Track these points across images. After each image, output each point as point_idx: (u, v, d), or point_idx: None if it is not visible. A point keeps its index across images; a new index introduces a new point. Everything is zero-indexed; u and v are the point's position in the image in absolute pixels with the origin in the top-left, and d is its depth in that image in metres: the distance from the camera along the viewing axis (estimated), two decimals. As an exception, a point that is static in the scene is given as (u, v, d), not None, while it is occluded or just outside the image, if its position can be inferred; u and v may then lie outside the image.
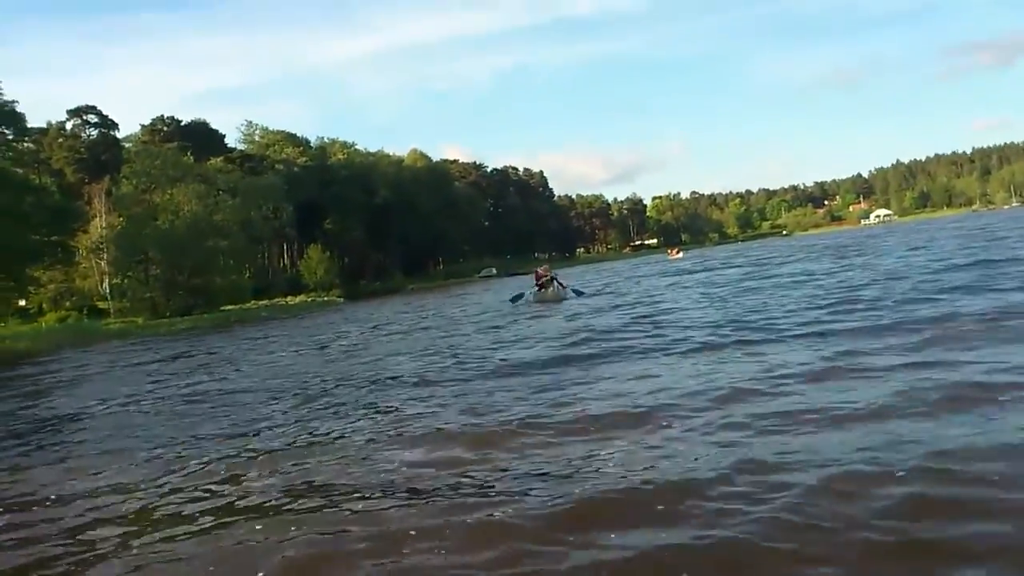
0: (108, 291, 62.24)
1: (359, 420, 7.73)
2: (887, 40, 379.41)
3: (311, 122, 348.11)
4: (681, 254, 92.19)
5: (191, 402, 10.66)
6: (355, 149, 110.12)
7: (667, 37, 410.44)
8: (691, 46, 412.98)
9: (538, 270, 26.33)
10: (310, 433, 7.35)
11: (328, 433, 7.25)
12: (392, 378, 10.54)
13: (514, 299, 26.00)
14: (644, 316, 15.45)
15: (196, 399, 10.88)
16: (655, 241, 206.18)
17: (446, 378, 9.88)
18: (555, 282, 24.72)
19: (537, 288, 25.02)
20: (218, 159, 77.21)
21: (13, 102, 52.49)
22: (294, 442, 7.02)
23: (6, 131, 52.64)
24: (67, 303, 64.74)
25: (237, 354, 19.26)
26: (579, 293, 25.86)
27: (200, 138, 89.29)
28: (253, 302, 65.85)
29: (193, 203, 59.30)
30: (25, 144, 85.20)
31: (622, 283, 32.79)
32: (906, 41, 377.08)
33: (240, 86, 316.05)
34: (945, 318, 9.62)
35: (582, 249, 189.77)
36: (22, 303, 64.58)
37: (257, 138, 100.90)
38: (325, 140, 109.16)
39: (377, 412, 8.04)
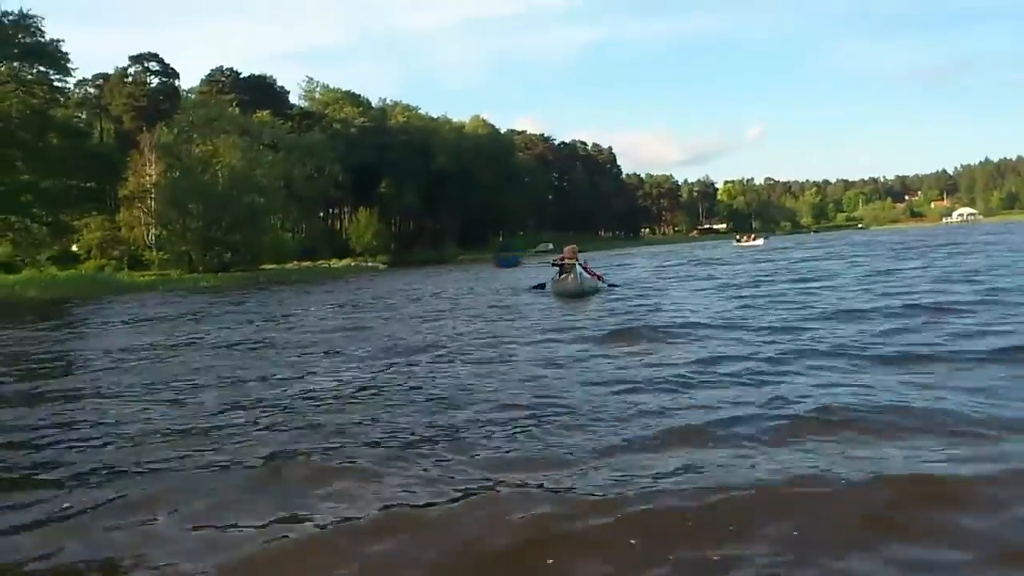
0: (152, 242, 61.35)
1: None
2: (986, 36, 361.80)
3: (386, 89, 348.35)
4: (760, 241, 79.27)
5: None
6: (416, 113, 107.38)
7: (755, 18, 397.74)
8: (779, 29, 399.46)
9: (564, 250, 19.52)
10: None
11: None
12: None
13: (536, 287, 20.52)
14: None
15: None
16: (724, 226, 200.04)
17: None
18: (577, 268, 18.14)
19: (557, 275, 18.90)
20: (265, 113, 75.03)
21: (58, 41, 51.26)
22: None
23: (48, 71, 51.20)
24: (114, 252, 63.77)
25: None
26: (613, 285, 20.25)
27: (259, 92, 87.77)
28: (295, 263, 64.19)
29: (236, 156, 57.35)
30: (87, 89, 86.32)
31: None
32: (1007, 38, 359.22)
33: (316, 48, 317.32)
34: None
35: (647, 230, 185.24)
36: (74, 248, 64.27)
37: (317, 95, 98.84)
38: (387, 102, 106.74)
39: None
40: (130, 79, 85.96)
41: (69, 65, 51.99)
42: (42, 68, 50.44)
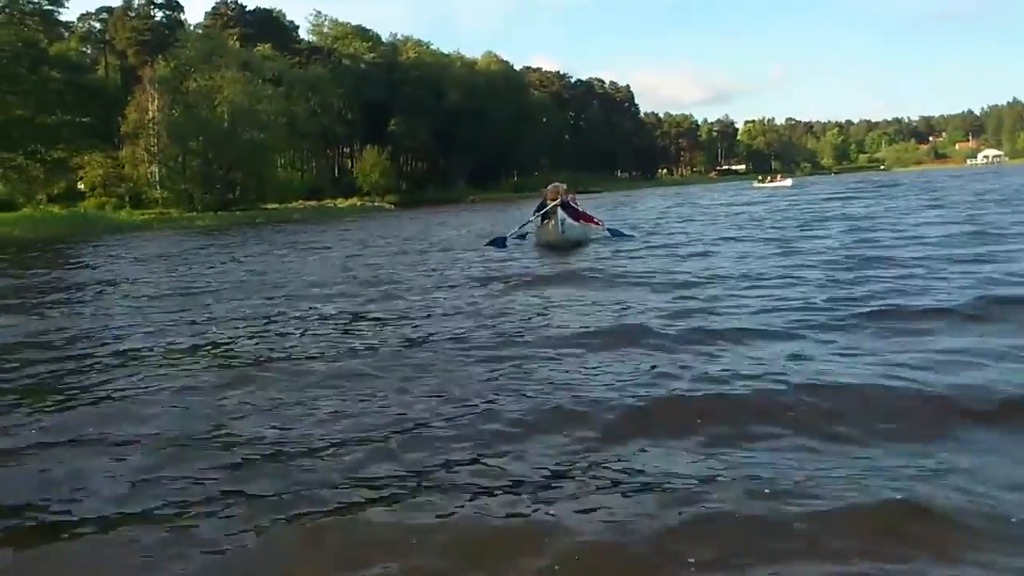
0: (155, 180, 60.03)
1: None
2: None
3: (403, 28, 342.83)
4: (788, 181, 70.80)
5: None
6: (427, 48, 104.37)
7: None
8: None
9: (547, 191, 15.88)
10: None
11: None
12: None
13: (496, 241, 16.36)
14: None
15: None
16: (743, 167, 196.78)
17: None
18: (560, 214, 14.43)
19: (539, 219, 15.41)
20: (266, 46, 72.93)
21: (47, -33, 49.66)
22: None
23: (40, 2, 49.54)
24: (119, 189, 62.47)
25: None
26: (617, 234, 16.51)
27: (266, 26, 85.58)
28: (300, 202, 62.78)
29: (237, 91, 55.64)
30: (91, 23, 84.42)
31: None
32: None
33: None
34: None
35: (664, 170, 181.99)
36: (80, 186, 63.16)
37: (326, 30, 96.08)
38: (398, 37, 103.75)
39: None
40: (134, 13, 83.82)
41: (61, -6, 50.45)
42: (33, -1, 48.88)
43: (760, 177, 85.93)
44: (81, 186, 62.76)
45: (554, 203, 14.97)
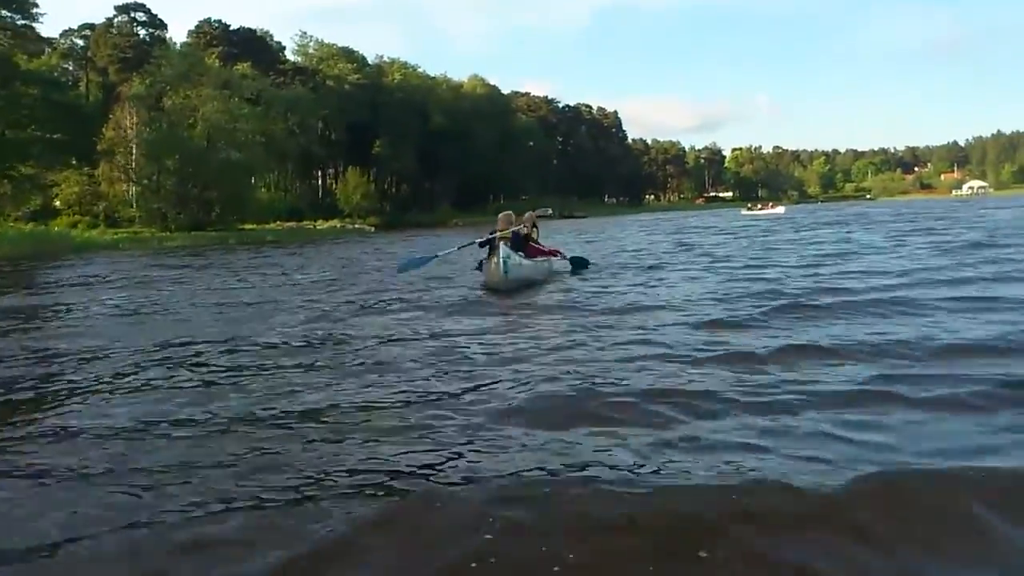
0: (133, 198, 58.88)
1: None
2: (1003, 8, 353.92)
3: (397, 54, 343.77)
4: (781, 208, 67.18)
5: None
6: (413, 71, 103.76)
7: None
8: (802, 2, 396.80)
9: (499, 219, 12.91)
10: None
11: None
12: None
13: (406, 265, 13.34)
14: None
15: None
16: (730, 194, 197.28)
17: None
18: (502, 251, 10.96)
19: (487, 256, 12.07)
20: (245, 65, 72.04)
21: (20, -16, 48.62)
22: None
23: (13, 17, 48.41)
24: (96, 208, 61.21)
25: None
26: (580, 265, 14.24)
27: (250, 46, 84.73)
28: (278, 223, 61.76)
29: (215, 108, 54.66)
30: (73, 39, 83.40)
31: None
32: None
33: (327, 7, 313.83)
34: None
35: (652, 196, 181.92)
36: (57, 203, 61.86)
37: (311, 50, 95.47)
38: (384, 59, 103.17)
39: None
40: (116, 30, 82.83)
41: (36, 10, 49.39)
42: (5, 13, 47.73)
43: (750, 204, 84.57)
44: (58, 203, 61.56)
45: (501, 235, 12.05)
